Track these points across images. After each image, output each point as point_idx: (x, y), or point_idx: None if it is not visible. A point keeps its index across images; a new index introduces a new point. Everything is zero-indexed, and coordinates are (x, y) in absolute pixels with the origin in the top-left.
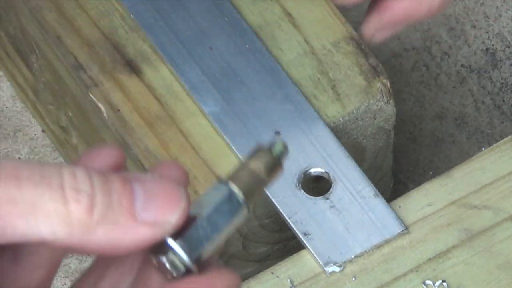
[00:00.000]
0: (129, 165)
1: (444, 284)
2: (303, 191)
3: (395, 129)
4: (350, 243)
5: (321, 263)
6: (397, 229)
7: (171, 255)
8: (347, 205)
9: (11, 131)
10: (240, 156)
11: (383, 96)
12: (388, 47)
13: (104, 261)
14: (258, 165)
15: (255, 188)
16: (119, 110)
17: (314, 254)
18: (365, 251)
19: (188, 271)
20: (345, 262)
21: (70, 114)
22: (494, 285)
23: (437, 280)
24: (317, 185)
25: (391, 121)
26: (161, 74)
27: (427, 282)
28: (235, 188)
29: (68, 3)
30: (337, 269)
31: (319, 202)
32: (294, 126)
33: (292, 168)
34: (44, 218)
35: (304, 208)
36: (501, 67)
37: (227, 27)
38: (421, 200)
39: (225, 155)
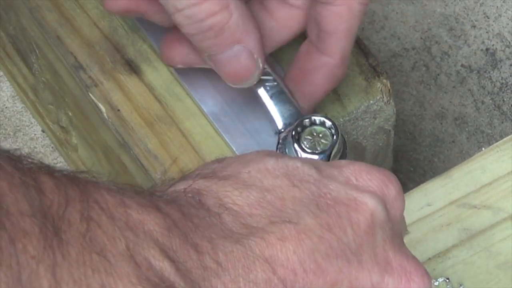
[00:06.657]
0: (129, 165)
1: (447, 281)
2: None
3: (395, 129)
4: None
5: None
6: None
7: None
8: None
9: (11, 131)
10: None
11: (383, 96)
12: (388, 47)
13: None
14: None
15: None
16: (119, 110)
17: None
18: None
19: None
20: None
21: (70, 114)
22: (493, 285)
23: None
24: None
25: (391, 121)
26: (161, 74)
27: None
28: None
29: (68, 3)
30: None
31: None
32: None
33: None
34: None
35: None
36: (501, 67)
37: None
38: (421, 200)
39: (225, 155)
